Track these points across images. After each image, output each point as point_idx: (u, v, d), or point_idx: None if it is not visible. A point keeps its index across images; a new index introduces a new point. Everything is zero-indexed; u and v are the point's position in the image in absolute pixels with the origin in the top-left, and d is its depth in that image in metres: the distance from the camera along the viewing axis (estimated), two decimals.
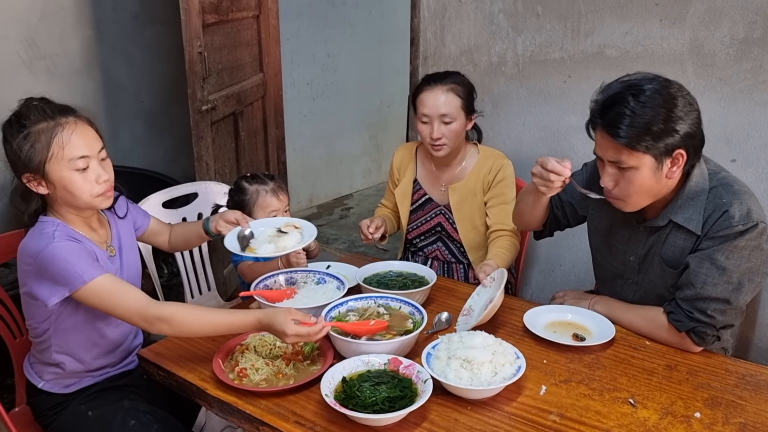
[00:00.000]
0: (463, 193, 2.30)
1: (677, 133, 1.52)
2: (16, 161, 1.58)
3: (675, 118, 1.51)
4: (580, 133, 2.62)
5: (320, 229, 4.94)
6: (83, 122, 1.61)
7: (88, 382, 1.77)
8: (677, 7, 2.29)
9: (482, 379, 1.45)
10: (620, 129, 1.52)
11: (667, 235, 1.70)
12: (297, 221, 1.93)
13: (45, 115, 1.57)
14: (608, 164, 1.61)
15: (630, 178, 1.58)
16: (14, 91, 3.15)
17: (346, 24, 5.17)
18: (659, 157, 1.54)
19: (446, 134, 2.19)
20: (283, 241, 1.80)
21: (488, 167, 2.28)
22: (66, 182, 1.57)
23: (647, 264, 1.77)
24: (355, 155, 5.61)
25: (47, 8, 3.30)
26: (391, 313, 1.75)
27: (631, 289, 1.85)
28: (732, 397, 1.48)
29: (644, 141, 1.51)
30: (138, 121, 3.85)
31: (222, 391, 1.50)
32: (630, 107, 1.51)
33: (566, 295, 2.00)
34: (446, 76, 2.23)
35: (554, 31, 2.58)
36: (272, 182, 2.20)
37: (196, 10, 2.79)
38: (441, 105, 2.17)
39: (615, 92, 1.56)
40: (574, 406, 1.44)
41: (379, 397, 1.38)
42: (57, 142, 1.54)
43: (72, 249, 1.57)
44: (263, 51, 3.69)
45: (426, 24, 2.93)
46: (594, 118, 1.61)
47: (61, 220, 1.66)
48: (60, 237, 1.59)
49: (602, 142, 1.60)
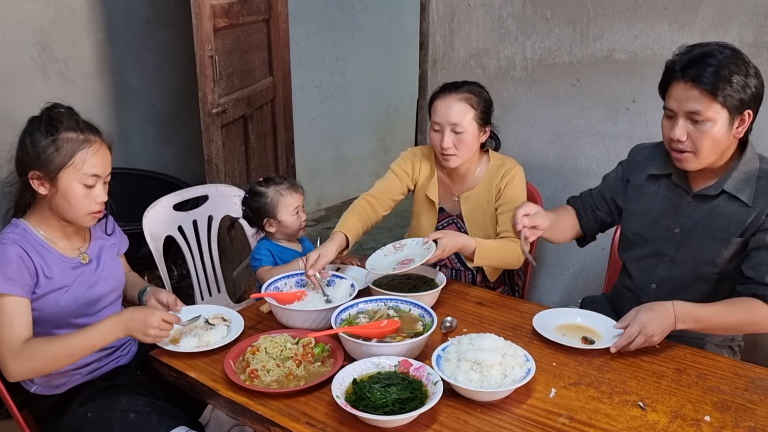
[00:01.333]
0: (475, 202, 2.28)
1: (751, 90, 1.63)
2: (30, 157, 1.65)
3: (750, 76, 1.64)
4: (589, 136, 2.65)
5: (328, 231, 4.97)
6: (105, 146, 1.72)
7: (78, 380, 1.79)
8: (686, 11, 2.29)
9: (492, 381, 1.46)
10: (705, 76, 1.60)
11: (721, 207, 1.75)
12: (226, 313, 1.87)
13: (77, 127, 1.67)
14: (684, 116, 1.67)
15: (706, 131, 1.65)
16: (27, 93, 3.23)
17: (355, 28, 5.19)
18: (734, 112, 1.63)
19: (456, 144, 2.14)
20: (207, 336, 1.75)
21: (500, 174, 2.24)
22: (71, 192, 1.66)
23: (693, 236, 1.80)
24: (364, 158, 5.63)
25: (60, 13, 3.33)
26: (401, 315, 1.75)
27: (667, 267, 1.86)
28: (742, 401, 1.48)
29: (726, 90, 1.60)
30: (149, 124, 3.88)
31: (233, 392, 1.52)
32: (717, 59, 1.62)
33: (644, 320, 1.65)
34: (462, 85, 2.19)
35: (563, 35, 2.59)
36: (286, 181, 2.22)
37: (207, 14, 2.82)
38: (452, 114, 2.13)
39: (701, 49, 1.66)
40: (584, 409, 1.44)
41: (389, 399, 1.38)
42: (80, 156, 1.65)
43: (4, 257, 1.62)
44: (273, 54, 3.72)
45: (435, 28, 2.94)
46: (674, 72, 1.69)
47: (31, 225, 1.73)
48: (8, 241, 1.65)
49: (682, 93, 1.66)
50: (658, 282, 1.88)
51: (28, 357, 1.58)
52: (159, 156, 3.97)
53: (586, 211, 2.05)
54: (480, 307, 1.96)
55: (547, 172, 2.76)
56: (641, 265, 1.92)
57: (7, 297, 1.60)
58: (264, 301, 1.90)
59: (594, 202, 2.04)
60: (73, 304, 1.73)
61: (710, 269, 1.78)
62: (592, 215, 2.04)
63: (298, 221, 2.20)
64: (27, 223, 1.73)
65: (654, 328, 1.61)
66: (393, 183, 2.32)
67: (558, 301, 2.90)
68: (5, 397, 1.74)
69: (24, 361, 1.58)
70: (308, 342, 1.66)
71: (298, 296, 1.86)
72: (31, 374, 1.64)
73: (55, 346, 1.62)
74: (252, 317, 1.89)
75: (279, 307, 1.78)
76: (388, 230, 4.94)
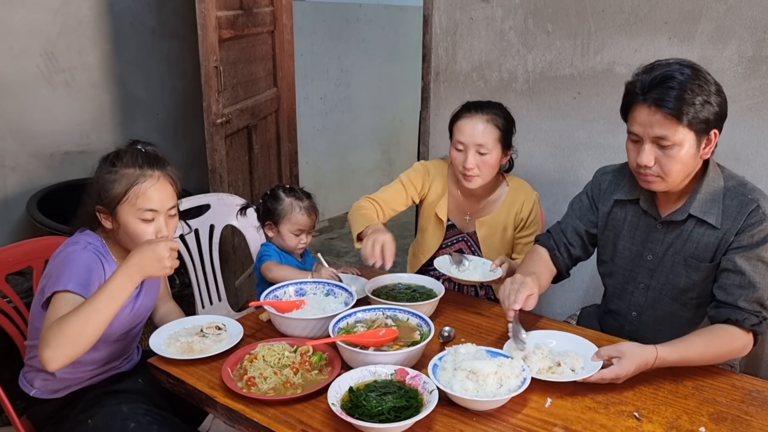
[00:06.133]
0: (493, 228, 2.26)
1: (715, 109, 1.60)
2: (96, 191, 1.71)
3: (713, 94, 1.60)
4: (589, 149, 2.66)
5: (331, 242, 5.01)
6: (165, 178, 1.73)
7: (78, 385, 1.80)
8: (686, 26, 2.31)
9: (488, 390, 1.46)
10: (668, 100, 1.57)
11: (690, 232, 1.73)
12: (221, 321, 1.85)
13: (135, 162, 1.70)
14: (650, 141, 1.64)
15: (673, 155, 1.62)
16: (34, 103, 3.27)
17: (360, 40, 5.24)
18: (700, 134, 1.60)
19: (480, 165, 2.13)
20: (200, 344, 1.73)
21: (520, 202, 2.23)
22: (129, 227, 1.69)
23: (665, 263, 1.79)
24: (368, 170, 5.65)
25: (67, 23, 3.38)
26: (398, 324, 1.76)
27: (642, 294, 1.85)
28: (738, 413, 1.48)
29: (690, 113, 1.57)
30: (154, 134, 3.91)
31: (230, 399, 1.52)
32: (678, 81, 1.57)
33: (622, 372, 1.55)
34: (488, 105, 2.18)
35: (564, 49, 2.61)
36: (308, 200, 2.23)
37: (212, 25, 2.85)
38: (478, 135, 2.11)
39: (662, 71, 1.61)
40: (579, 419, 1.45)
41: (385, 407, 1.39)
42: (134, 191, 1.67)
43: (83, 260, 1.65)
44: (278, 66, 3.75)
45: (438, 40, 2.97)
46: (636, 95, 1.64)
47: (104, 238, 1.77)
48: (88, 248, 1.69)
49: (646, 118, 1.62)
50: (638, 310, 1.87)
51: (56, 334, 1.48)
52: None
53: (560, 250, 1.97)
54: (479, 317, 1.96)
55: (548, 184, 2.77)
56: (618, 291, 1.92)
57: (70, 294, 1.58)
58: (263, 310, 1.91)
59: (567, 239, 1.97)
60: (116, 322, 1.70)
61: (686, 295, 1.77)
62: (566, 253, 1.97)
63: (295, 240, 2.20)
64: (98, 236, 1.77)
65: (627, 376, 1.54)
66: (398, 194, 2.32)
67: (558, 312, 2.90)
68: (4, 402, 1.75)
69: (55, 342, 1.47)
70: (306, 350, 1.66)
71: (297, 305, 1.87)
72: (65, 355, 1.48)
73: (77, 314, 1.50)
74: (251, 325, 1.89)
75: (278, 315, 1.79)
76: None
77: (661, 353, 1.56)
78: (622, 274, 1.89)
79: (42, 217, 2.94)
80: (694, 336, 1.64)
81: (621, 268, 1.89)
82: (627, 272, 1.88)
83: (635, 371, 1.55)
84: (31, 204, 3.09)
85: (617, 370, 1.53)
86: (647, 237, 1.81)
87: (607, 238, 1.91)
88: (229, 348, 1.72)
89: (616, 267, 1.91)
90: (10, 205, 3.25)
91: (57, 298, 1.58)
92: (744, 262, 1.65)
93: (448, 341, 1.79)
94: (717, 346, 1.62)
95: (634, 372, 1.55)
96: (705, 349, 1.61)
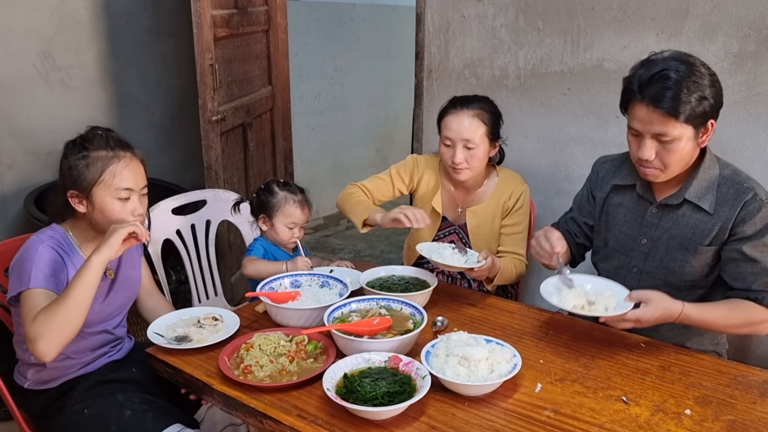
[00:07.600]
0: (482, 218, 2.30)
1: (710, 102, 1.64)
2: (67, 177, 1.75)
3: (707, 87, 1.64)
4: (580, 144, 2.70)
5: (326, 239, 5.04)
6: (137, 160, 1.81)
7: (72, 374, 1.82)
8: (673, 22, 2.35)
9: (479, 375, 1.49)
10: (665, 100, 1.62)
11: (684, 216, 1.79)
12: (217, 312, 1.88)
13: (107, 145, 1.77)
14: (650, 137, 1.69)
15: (672, 149, 1.68)
16: (30, 101, 3.29)
17: (354, 39, 5.27)
18: (698, 126, 1.67)
19: (468, 160, 2.17)
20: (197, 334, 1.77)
21: (509, 192, 2.27)
22: (106, 207, 1.74)
23: (660, 247, 1.84)
24: (362, 167, 5.68)
25: (63, 22, 3.40)
26: (392, 314, 1.79)
27: (635, 278, 1.90)
28: (723, 396, 1.52)
29: (687, 110, 1.62)
30: (149, 132, 3.94)
31: (227, 387, 1.55)
32: (673, 79, 1.62)
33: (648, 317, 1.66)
34: (474, 100, 2.21)
35: (555, 45, 2.65)
36: (301, 194, 2.28)
37: (207, 24, 2.88)
38: (465, 130, 2.15)
39: (657, 68, 1.66)
40: (569, 403, 1.48)
41: (379, 392, 1.42)
42: (110, 171, 1.74)
43: (46, 256, 1.69)
44: (272, 64, 3.78)
45: (430, 38, 3.00)
46: (633, 93, 1.69)
47: (70, 232, 1.80)
48: (50, 242, 1.72)
49: (645, 116, 1.67)
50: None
51: (44, 326, 1.54)
52: (159, 163, 4.02)
53: (570, 234, 2.09)
54: (471, 308, 2.00)
55: (540, 178, 2.81)
56: (612, 276, 1.95)
57: (42, 290, 1.63)
58: (259, 302, 1.94)
59: (571, 228, 2.08)
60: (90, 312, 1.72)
61: (679, 278, 1.83)
62: (573, 243, 2.08)
63: (289, 234, 2.24)
64: (64, 230, 1.80)
65: (649, 322, 1.65)
66: (385, 185, 2.38)
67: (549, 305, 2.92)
68: (4, 394, 1.78)
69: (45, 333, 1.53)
70: (301, 339, 1.70)
71: (292, 296, 1.90)
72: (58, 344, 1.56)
73: (60, 303, 1.57)
74: (247, 316, 1.92)
75: (273, 305, 1.83)
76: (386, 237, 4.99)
77: (686, 309, 1.67)
78: (617, 258, 1.95)
79: (39, 213, 2.96)
80: (718, 302, 1.75)
81: (616, 252, 1.94)
82: (621, 256, 1.93)
83: (657, 320, 1.64)
84: (28, 201, 3.11)
85: (639, 314, 1.63)
86: (642, 221, 1.87)
87: (603, 224, 1.97)
88: (226, 338, 1.75)
89: (610, 251, 1.96)
90: (7, 203, 3.27)
91: (28, 296, 1.62)
92: (753, 250, 1.71)
93: (441, 330, 1.82)
94: (738, 315, 1.72)
95: (657, 320, 1.64)
96: (728, 314, 1.71)
